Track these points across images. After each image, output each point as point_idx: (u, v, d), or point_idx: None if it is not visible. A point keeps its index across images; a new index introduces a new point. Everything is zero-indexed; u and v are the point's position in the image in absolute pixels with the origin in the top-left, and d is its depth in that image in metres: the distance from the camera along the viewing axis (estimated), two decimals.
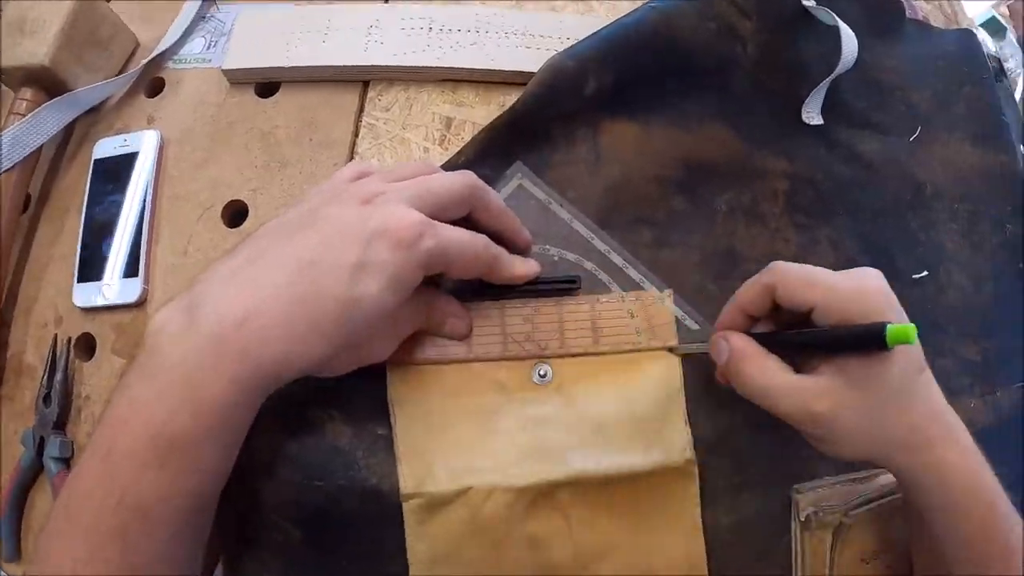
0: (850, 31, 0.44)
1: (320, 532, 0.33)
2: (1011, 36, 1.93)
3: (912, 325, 0.28)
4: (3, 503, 0.39)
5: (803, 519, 0.37)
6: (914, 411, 0.31)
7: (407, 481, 0.33)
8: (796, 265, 0.31)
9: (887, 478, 0.39)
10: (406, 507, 0.32)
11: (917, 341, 0.28)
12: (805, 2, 0.45)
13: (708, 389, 0.37)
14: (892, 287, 0.31)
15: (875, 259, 0.43)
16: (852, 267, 0.33)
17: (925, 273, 0.44)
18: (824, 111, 0.45)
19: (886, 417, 0.30)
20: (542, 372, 0.35)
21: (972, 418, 0.41)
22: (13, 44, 0.44)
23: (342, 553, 0.34)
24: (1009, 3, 1.99)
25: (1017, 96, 1.99)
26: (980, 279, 0.46)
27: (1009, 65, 2.00)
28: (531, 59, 0.42)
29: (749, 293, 0.33)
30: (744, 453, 0.37)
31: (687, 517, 0.36)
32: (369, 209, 0.28)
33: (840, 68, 0.44)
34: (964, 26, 0.62)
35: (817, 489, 0.38)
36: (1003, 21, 1.97)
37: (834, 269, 0.32)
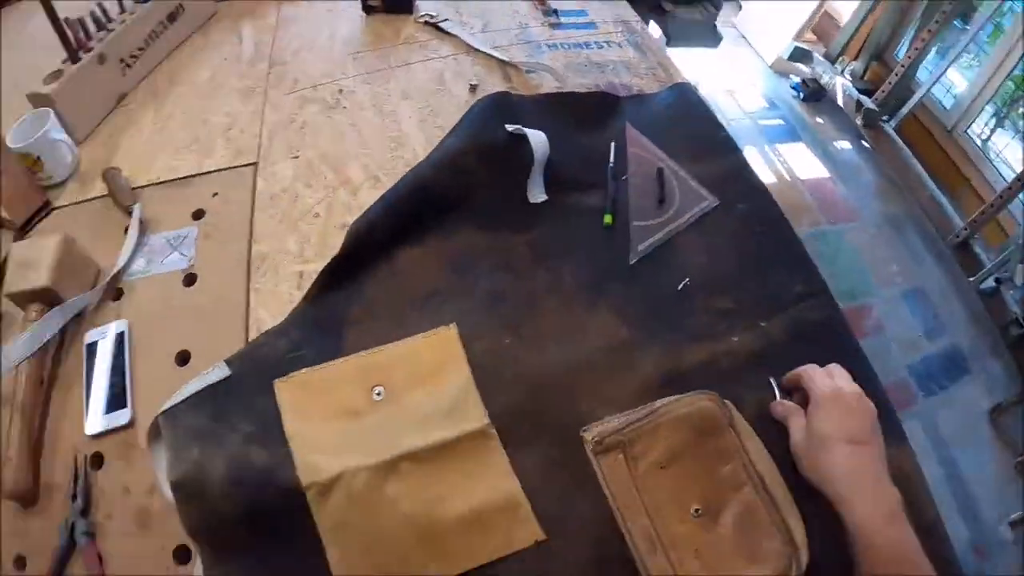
0: (540, 134, 0.72)
1: (262, 524, 0.54)
2: (818, 56, 2.42)
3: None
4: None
5: (591, 447, 0.55)
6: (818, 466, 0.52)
7: (303, 477, 0.55)
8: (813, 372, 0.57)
9: (655, 405, 0.56)
10: (308, 496, 0.54)
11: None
12: (508, 128, 0.73)
13: (492, 377, 0.60)
14: None
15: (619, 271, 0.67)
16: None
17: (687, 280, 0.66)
18: (551, 191, 0.73)
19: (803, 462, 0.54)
20: (378, 392, 0.60)
21: (734, 349, 0.61)
22: (22, 276, 0.68)
23: (278, 537, 0.54)
24: (810, 28, 2.48)
25: (839, 100, 2.42)
26: (719, 252, 0.68)
27: (825, 80, 2.46)
28: None
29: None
30: (534, 414, 0.58)
31: (497, 464, 0.56)
32: None
33: (537, 162, 0.72)
34: (677, 81, 0.91)
35: (599, 425, 0.56)
36: (806, 47, 2.48)
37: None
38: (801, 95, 2.38)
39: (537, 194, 0.74)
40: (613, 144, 0.79)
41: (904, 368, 1.71)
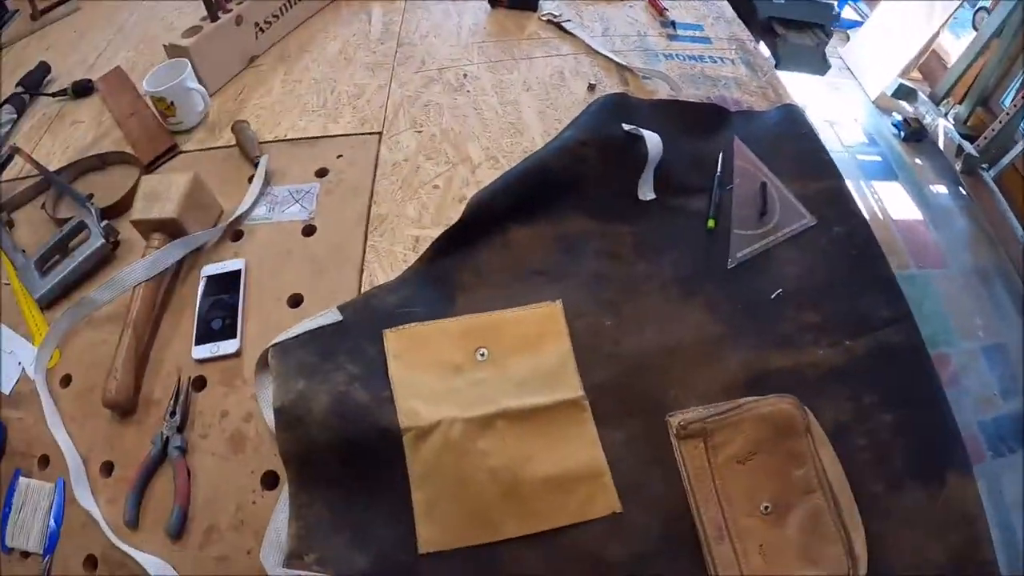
0: (655, 136, 0.74)
1: (353, 460, 0.56)
2: (923, 95, 2.35)
3: None
4: (132, 482, 0.59)
5: (675, 431, 0.57)
6: None
7: (403, 420, 0.57)
8: None
9: (739, 401, 0.56)
10: (405, 438, 0.57)
11: None
12: (625, 127, 0.75)
13: (590, 352, 0.61)
14: None
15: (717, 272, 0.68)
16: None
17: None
18: (660, 190, 0.75)
19: None
20: (482, 353, 0.62)
21: (818, 361, 0.61)
22: (148, 206, 0.72)
23: (367, 475, 0.57)
24: (917, 66, 2.42)
25: (941, 143, 2.31)
26: (812, 268, 0.68)
27: (927, 120, 2.36)
28: None
29: None
30: (625, 392, 0.60)
31: (586, 434, 0.58)
32: None
33: (650, 162, 0.74)
34: (786, 102, 0.90)
35: (684, 413, 0.58)
36: (911, 85, 2.41)
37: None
38: (902, 134, 2.29)
39: (646, 192, 0.76)
40: (721, 154, 0.80)
41: (975, 424, 1.62)
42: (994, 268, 1.98)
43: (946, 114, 2.26)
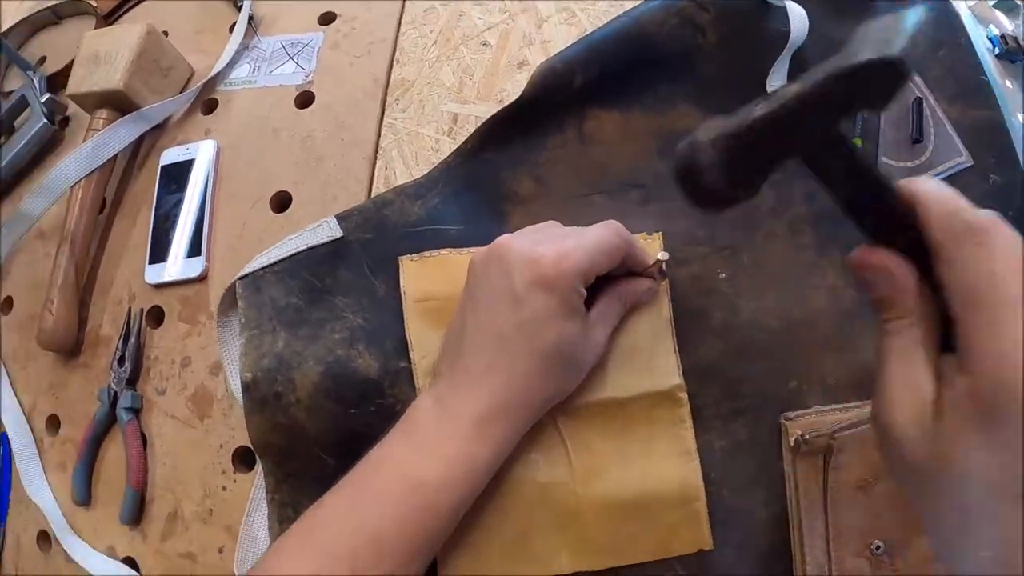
0: (799, 8, 0.48)
1: (350, 457, 0.36)
2: None
3: None
4: (79, 452, 0.45)
5: (792, 443, 0.39)
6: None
7: None
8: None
9: None
10: None
11: None
12: None
13: (697, 320, 0.40)
14: None
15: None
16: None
17: None
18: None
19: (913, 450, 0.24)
20: None
21: None
22: (89, 73, 0.52)
23: None
24: None
25: None
26: None
27: None
28: None
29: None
30: (735, 381, 0.41)
31: (680, 440, 0.39)
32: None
33: (791, 43, 0.48)
34: None
35: (806, 416, 0.40)
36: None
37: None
38: (997, 50, 1.87)
39: (777, 86, 0.49)
40: None
41: None
42: None
43: None
